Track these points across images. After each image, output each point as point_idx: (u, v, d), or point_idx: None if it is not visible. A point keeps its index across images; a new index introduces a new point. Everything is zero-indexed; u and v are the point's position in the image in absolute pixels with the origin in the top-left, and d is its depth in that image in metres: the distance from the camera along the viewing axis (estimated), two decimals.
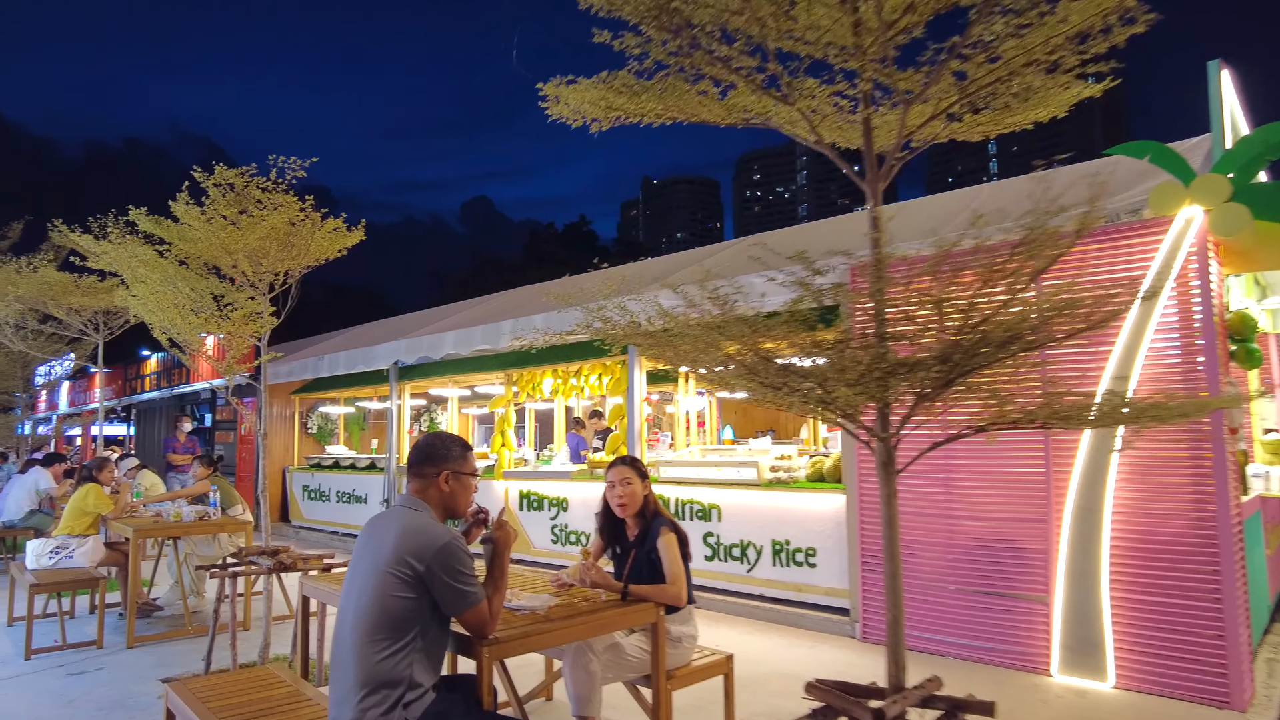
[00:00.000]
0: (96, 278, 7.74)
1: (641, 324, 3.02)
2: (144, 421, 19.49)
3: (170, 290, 4.49)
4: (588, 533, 8.02)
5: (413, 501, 2.68)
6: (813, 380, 2.46)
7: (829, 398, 2.42)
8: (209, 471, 7.00)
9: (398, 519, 2.59)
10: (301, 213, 4.66)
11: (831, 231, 7.65)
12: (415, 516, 2.60)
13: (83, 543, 6.16)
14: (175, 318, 4.47)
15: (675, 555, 3.44)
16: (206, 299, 4.62)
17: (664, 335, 2.82)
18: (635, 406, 7.57)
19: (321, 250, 5.05)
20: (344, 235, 5.13)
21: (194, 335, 4.59)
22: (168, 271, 4.54)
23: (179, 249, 4.77)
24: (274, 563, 4.65)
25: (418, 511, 2.63)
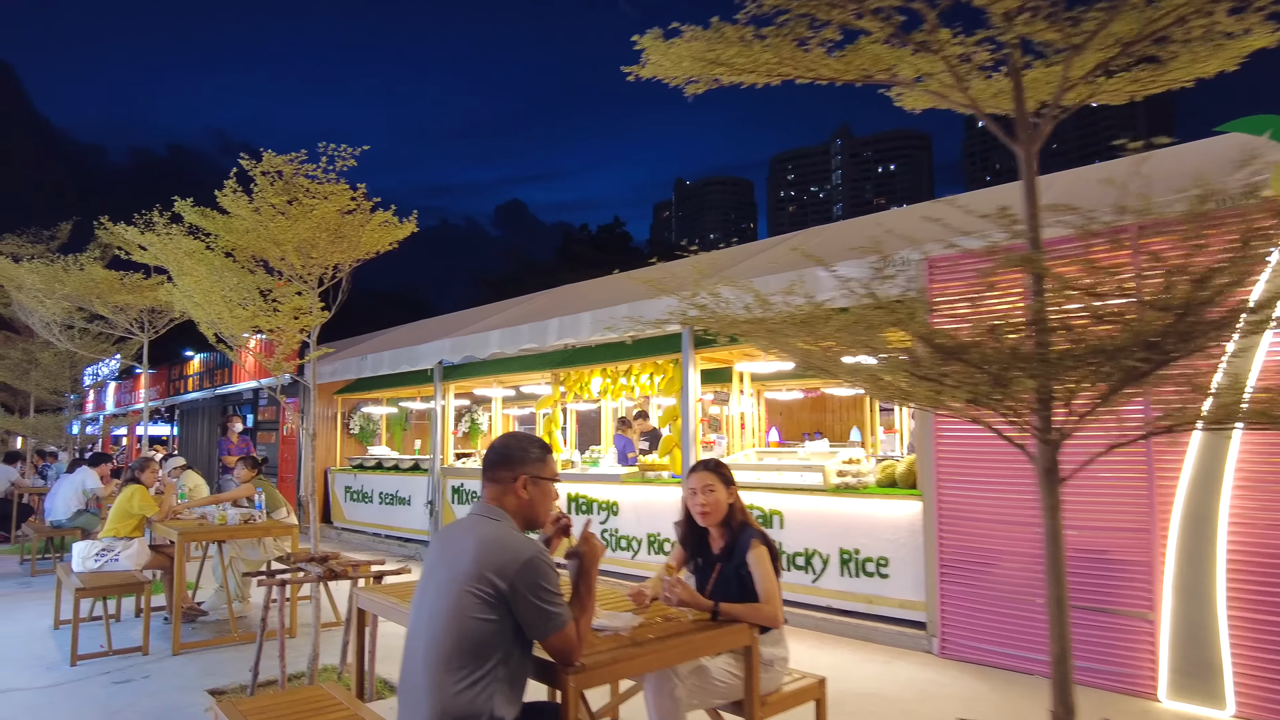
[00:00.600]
0: (142, 275, 7.62)
1: (741, 312, 2.66)
2: (187, 422, 19.63)
3: (217, 283, 4.27)
4: (639, 538, 7.72)
5: (489, 509, 2.39)
6: (990, 368, 2.10)
7: (999, 392, 2.07)
8: (253, 474, 6.81)
9: (475, 529, 2.30)
10: (353, 202, 4.42)
11: (913, 219, 7.24)
12: (494, 527, 2.31)
13: (128, 545, 6.00)
14: (222, 311, 4.25)
15: (768, 570, 3.11)
16: (254, 293, 4.40)
17: (784, 323, 2.47)
18: (690, 407, 7.24)
19: (372, 243, 4.80)
20: (395, 228, 4.88)
21: (241, 330, 4.36)
22: (214, 264, 4.32)
23: (225, 240, 4.56)
24: (323, 570, 4.41)
25: (496, 521, 2.34)
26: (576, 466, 9.07)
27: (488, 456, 2.47)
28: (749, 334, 2.62)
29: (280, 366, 4.48)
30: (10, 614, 6.86)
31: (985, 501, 5.41)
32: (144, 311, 8.12)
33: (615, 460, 9.17)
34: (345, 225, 4.43)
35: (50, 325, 8.08)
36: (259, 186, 4.23)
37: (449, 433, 10.45)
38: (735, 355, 7.98)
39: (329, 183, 4.31)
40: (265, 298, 4.47)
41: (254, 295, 4.37)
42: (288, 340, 4.44)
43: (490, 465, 2.45)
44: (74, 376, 13.37)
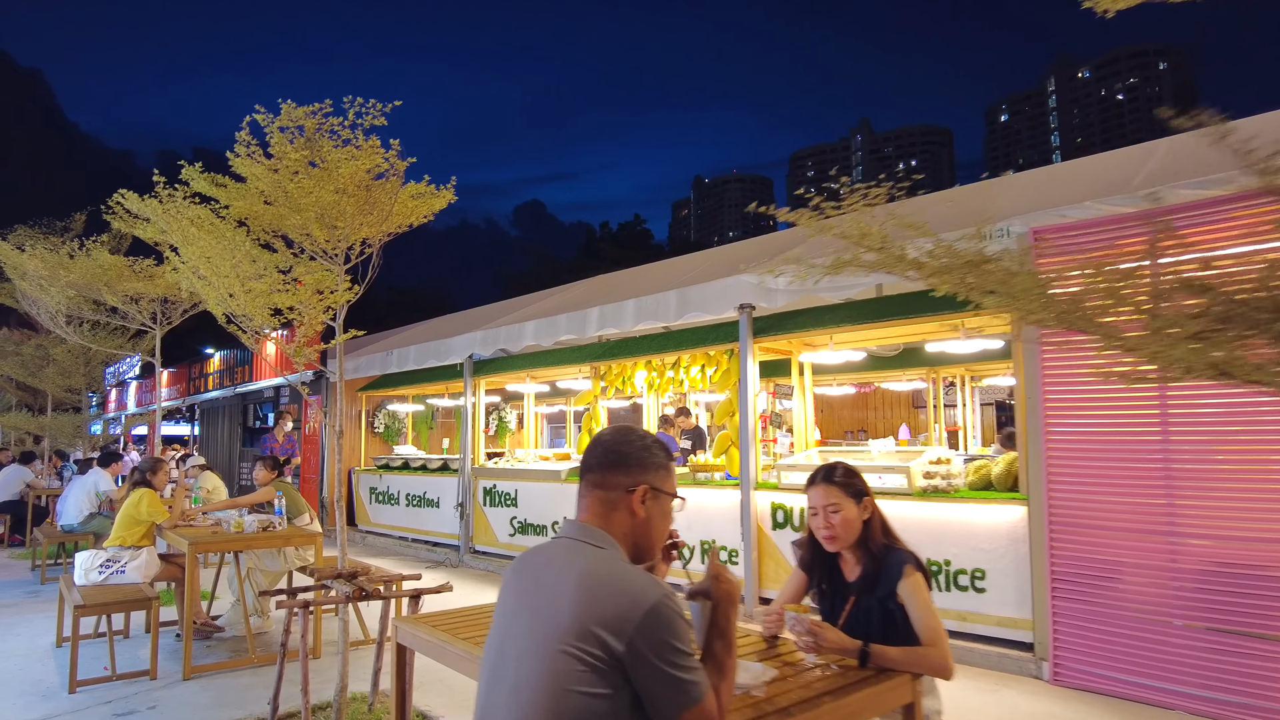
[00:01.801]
0: (153, 261, 7.06)
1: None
2: (208, 421, 19.19)
3: (227, 255, 3.65)
4: (690, 545, 7.05)
5: (590, 533, 1.72)
6: None
7: None
8: (273, 475, 6.22)
9: (572, 562, 1.64)
10: (385, 162, 3.78)
11: (1012, 191, 6.52)
12: (600, 559, 1.65)
13: (135, 555, 5.42)
14: (233, 286, 3.63)
15: (929, 604, 2.44)
16: (270, 268, 3.77)
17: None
18: (749, 402, 6.56)
19: (406, 213, 4.16)
20: (432, 197, 4.24)
21: (255, 310, 3.73)
22: (224, 234, 3.70)
23: (239, 208, 3.94)
24: (353, 589, 3.78)
25: (601, 550, 1.68)
26: None
27: (594, 456, 1.81)
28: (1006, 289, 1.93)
29: (301, 353, 3.87)
30: (12, 628, 6.31)
31: (1107, 506, 4.70)
32: (157, 302, 7.56)
33: None
34: (377, 190, 3.79)
35: (56, 316, 7.55)
36: (277, 144, 3.60)
37: (480, 431, 9.83)
38: (796, 345, 7.30)
39: (357, 140, 3.68)
40: (285, 274, 3.84)
41: (270, 270, 3.74)
42: (310, 321, 3.81)
43: (597, 468, 1.78)
44: (90, 374, 12.87)
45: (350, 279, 3.96)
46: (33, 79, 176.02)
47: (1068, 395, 4.97)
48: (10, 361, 12.80)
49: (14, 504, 11.30)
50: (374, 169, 3.73)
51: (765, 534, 6.48)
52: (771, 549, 6.43)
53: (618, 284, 9.18)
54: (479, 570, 9.12)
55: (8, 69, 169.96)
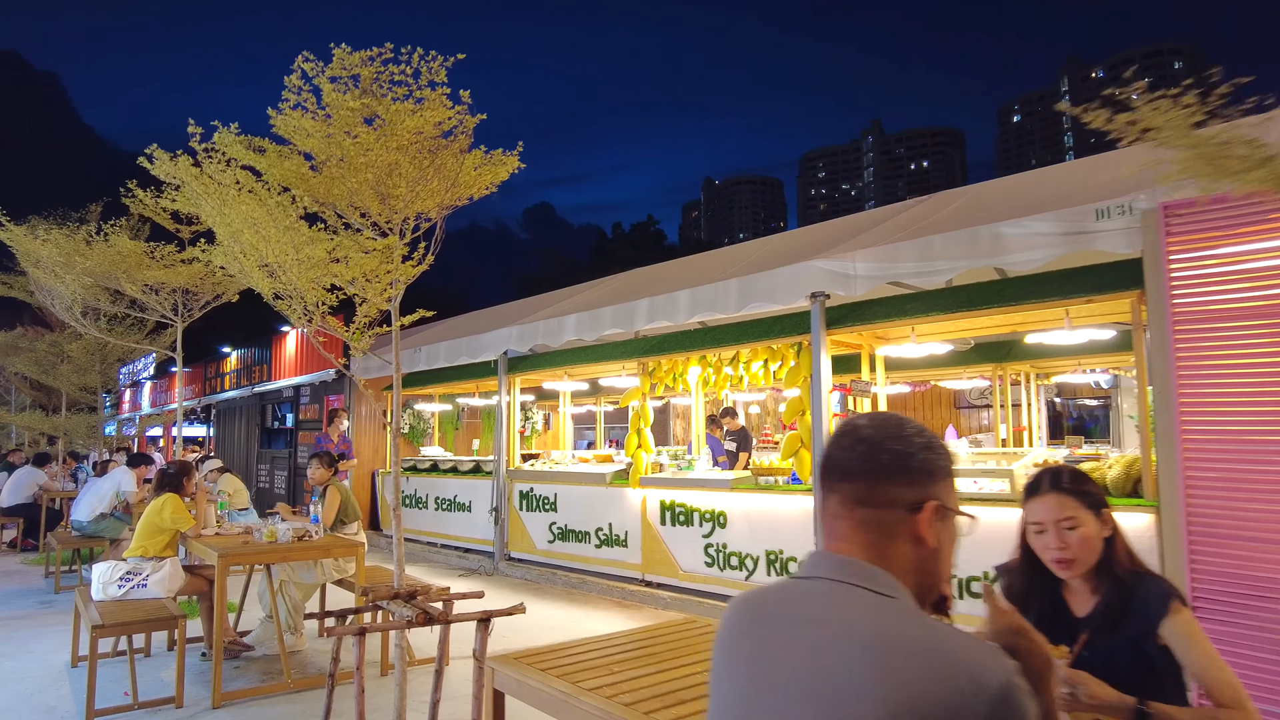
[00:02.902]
0: (174, 247, 6.56)
1: None
2: (224, 422, 18.74)
3: (276, 220, 3.11)
4: (754, 555, 6.50)
5: (866, 573, 1.16)
6: None
7: None
8: (330, 474, 5.72)
9: (852, 618, 1.09)
10: (453, 118, 3.25)
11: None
12: (896, 616, 1.09)
13: (158, 567, 4.90)
14: (286, 254, 3.08)
15: (1213, 652, 1.88)
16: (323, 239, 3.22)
17: None
18: (821, 399, 6.00)
19: (470, 182, 3.63)
20: (499, 164, 3.71)
21: (312, 282, 3.19)
22: (268, 200, 3.17)
23: (280, 173, 3.41)
24: (415, 613, 3.25)
25: (890, 599, 1.13)
26: (666, 470, 7.87)
27: (851, 456, 1.22)
28: None
29: (359, 337, 3.34)
30: (24, 645, 5.82)
31: (1259, 516, 4.13)
32: (178, 293, 7.06)
33: (709, 462, 7.98)
34: (443, 153, 3.26)
35: (72, 308, 7.06)
36: (329, 96, 3.07)
37: (515, 431, 9.30)
38: (867, 338, 6.74)
39: (421, 89, 3.14)
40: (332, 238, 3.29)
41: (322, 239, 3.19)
42: (372, 299, 3.27)
43: (860, 474, 1.20)
44: (106, 372, 12.41)
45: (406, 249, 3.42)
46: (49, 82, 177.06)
47: (1205, 388, 4.40)
48: (24, 359, 12.35)
49: (27, 507, 10.85)
50: (441, 124, 3.21)
51: None
52: None
53: (664, 276, 8.64)
54: (516, 579, 8.60)
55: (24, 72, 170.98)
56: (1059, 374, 9.20)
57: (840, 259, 5.82)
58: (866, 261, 5.67)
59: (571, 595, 7.66)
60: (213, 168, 3.28)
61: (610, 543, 7.82)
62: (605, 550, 7.87)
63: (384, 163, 3.08)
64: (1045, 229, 4.90)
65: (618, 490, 7.78)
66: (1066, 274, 5.22)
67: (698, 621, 3.07)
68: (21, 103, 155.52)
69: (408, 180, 3.25)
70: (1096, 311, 5.58)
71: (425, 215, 3.68)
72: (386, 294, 3.29)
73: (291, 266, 3.13)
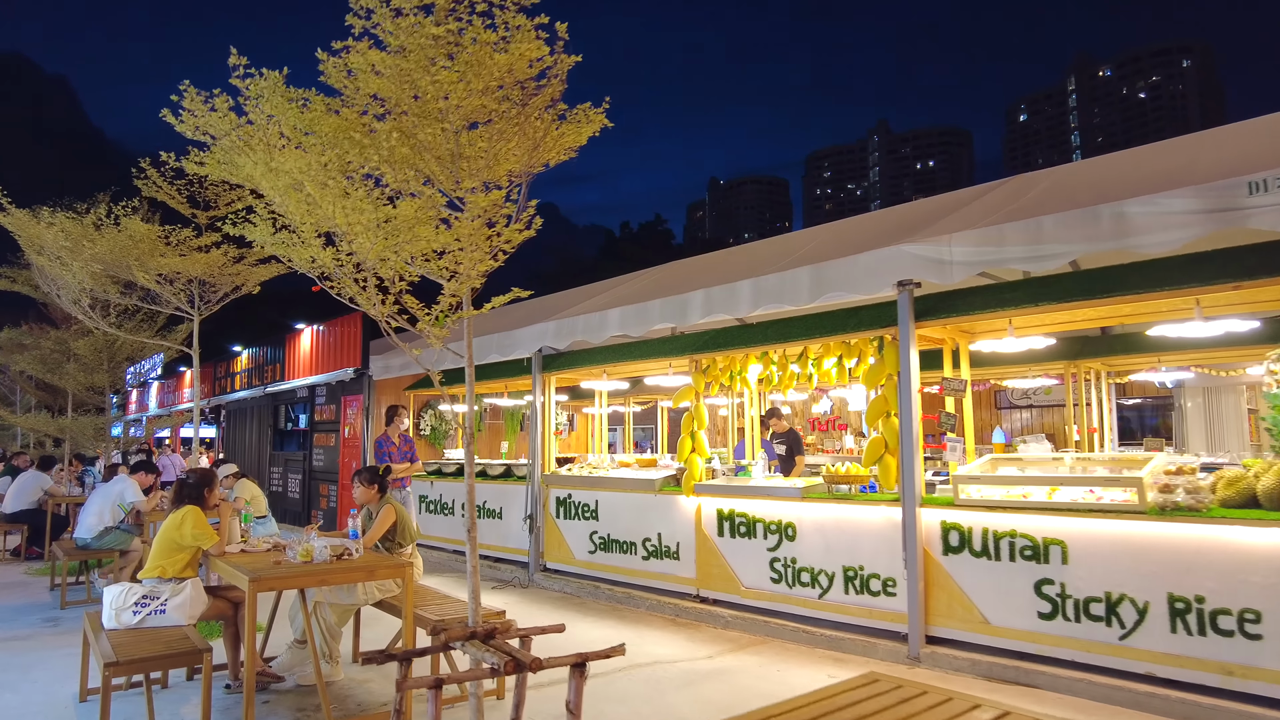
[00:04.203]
0: (192, 231, 5.98)
1: None
2: (234, 423, 18.17)
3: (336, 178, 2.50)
4: (829, 571, 5.90)
5: None
6: None
7: None
8: (376, 492, 5.16)
9: None
10: (548, 56, 2.64)
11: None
12: None
13: (178, 590, 4.32)
14: (357, 214, 2.43)
15: None
16: (405, 207, 2.59)
17: None
18: (910, 400, 5.41)
19: (552, 145, 3.03)
20: (582, 120, 3.12)
21: (385, 250, 2.57)
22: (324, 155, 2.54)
23: (329, 129, 2.81)
24: (501, 660, 2.65)
25: None
26: (720, 476, 7.28)
27: None
28: None
29: (440, 322, 2.75)
30: (27, 672, 5.23)
31: None
32: (194, 283, 6.49)
33: (764, 468, 7.38)
34: (535, 102, 2.66)
35: (79, 300, 6.48)
36: (402, 22, 2.47)
37: (550, 434, 8.71)
38: (952, 332, 6.14)
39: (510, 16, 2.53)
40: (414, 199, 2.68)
41: (407, 202, 2.56)
42: (467, 270, 2.66)
43: None
44: (114, 371, 11.85)
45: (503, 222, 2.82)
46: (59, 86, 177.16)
47: None
48: (28, 357, 11.79)
49: (32, 513, 10.28)
50: (534, 64, 2.61)
51: (933, 559, 5.33)
52: (943, 578, 5.28)
53: (715, 266, 8.05)
54: (554, 592, 8.01)
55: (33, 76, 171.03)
56: (1139, 371, 8.58)
57: (934, 243, 5.22)
58: (965, 245, 5.07)
59: (618, 612, 7.07)
60: (256, 114, 2.69)
61: (660, 555, 7.23)
62: (654, 563, 7.27)
63: (468, 109, 2.48)
64: (1184, 206, 4.30)
65: (668, 498, 7.18)
66: (1194, 258, 4.62)
67: (881, 681, 2.47)
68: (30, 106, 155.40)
69: (488, 136, 2.65)
70: (1243, 300, 4.98)
71: (495, 183, 3.09)
72: (483, 266, 2.69)
73: (361, 233, 2.52)
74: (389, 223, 2.47)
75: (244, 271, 6.59)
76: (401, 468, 7.99)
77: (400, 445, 8.25)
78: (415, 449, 8.42)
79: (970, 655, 5.07)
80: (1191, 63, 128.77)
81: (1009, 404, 13.36)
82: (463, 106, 2.52)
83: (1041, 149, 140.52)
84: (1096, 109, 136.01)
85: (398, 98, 2.56)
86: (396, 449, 8.15)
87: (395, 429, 8.31)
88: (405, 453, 8.21)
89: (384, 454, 8.01)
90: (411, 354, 2.87)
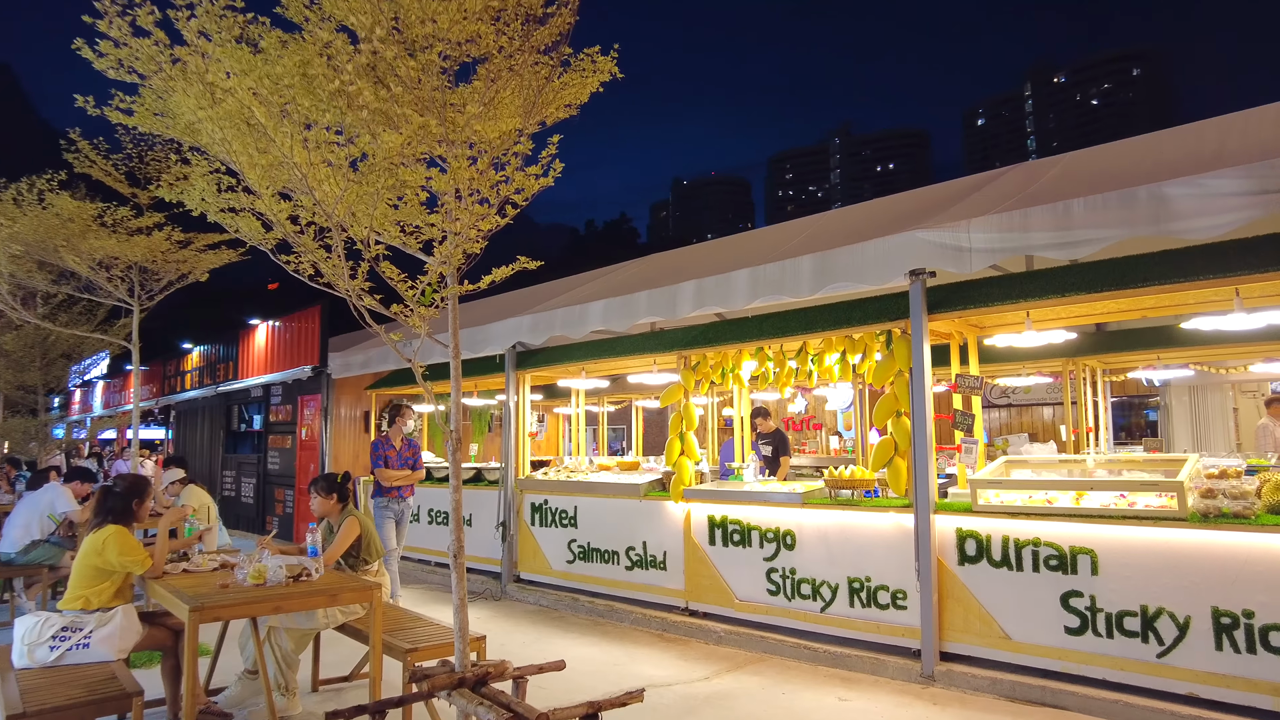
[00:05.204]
0: (131, 210, 5.35)
1: None
2: (183, 424, 17.25)
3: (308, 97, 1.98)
4: (832, 582, 5.49)
5: None
6: None
7: None
8: (336, 502, 4.59)
9: None
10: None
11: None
12: None
13: (104, 621, 3.72)
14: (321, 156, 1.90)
15: None
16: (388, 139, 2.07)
17: None
18: (924, 398, 5.01)
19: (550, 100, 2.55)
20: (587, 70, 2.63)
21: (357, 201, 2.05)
22: (282, 83, 2.01)
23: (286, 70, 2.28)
24: (500, 716, 2.15)
25: None
26: (708, 481, 6.83)
27: None
28: None
29: (428, 296, 2.25)
30: None
31: None
32: (134, 270, 5.85)
33: (756, 471, 6.96)
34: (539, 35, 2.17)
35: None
36: None
37: (525, 436, 8.19)
38: (959, 326, 5.77)
39: None
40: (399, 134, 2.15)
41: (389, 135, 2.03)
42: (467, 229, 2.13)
43: None
44: (49, 369, 10.99)
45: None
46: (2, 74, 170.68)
47: None
48: None
49: None
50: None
51: (948, 570, 4.94)
52: (958, 589, 4.89)
53: (704, 257, 7.61)
54: (529, 605, 7.48)
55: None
56: (1134, 369, 8.32)
57: (951, 228, 4.83)
58: (987, 231, 4.68)
59: (600, 626, 6.58)
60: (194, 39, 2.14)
61: (645, 564, 6.76)
62: (639, 573, 6.80)
63: (458, 37, 1.98)
64: (1232, 188, 3.95)
65: (654, 504, 6.72)
66: (1241, 244, 4.29)
67: None
68: None
69: (484, 77, 2.15)
70: (1266, 292, 4.66)
71: (481, 148, 2.58)
72: (485, 224, 2.18)
73: (327, 178, 1.98)
74: (364, 160, 1.96)
75: (190, 258, 5.97)
76: (400, 475, 6.94)
77: (402, 450, 7.12)
78: (420, 454, 7.35)
79: (990, 674, 4.69)
80: (1141, 71, 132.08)
81: (988, 403, 13.16)
82: (451, 35, 2.02)
83: (999, 152, 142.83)
84: (1052, 114, 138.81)
85: (371, 26, 2.04)
86: (397, 453, 7.06)
87: (398, 431, 7.19)
88: (408, 459, 7.13)
89: (379, 458, 6.98)
90: (389, 340, 2.35)
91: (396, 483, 6.94)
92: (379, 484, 6.97)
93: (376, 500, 6.98)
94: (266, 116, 1.91)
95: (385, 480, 6.94)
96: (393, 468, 6.95)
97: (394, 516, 6.97)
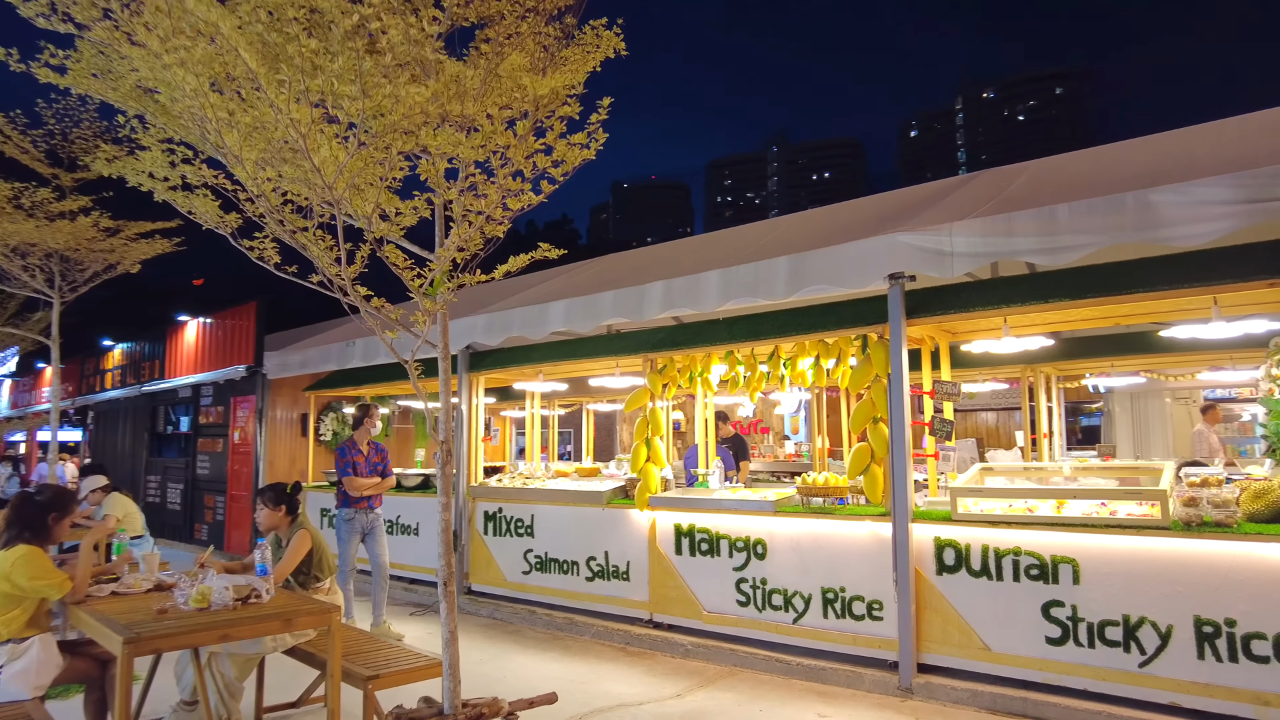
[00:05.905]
0: (52, 193, 4.86)
1: None
2: (103, 425, 16.22)
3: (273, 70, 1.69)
4: (804, 593, 5.35)
5: None
6: None
7: None
8: (284, 515, 4.20)
9: None
10: None
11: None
12: None
13: (18, 651, 3.29)
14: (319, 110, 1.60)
15: None
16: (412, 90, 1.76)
17: None
18: (902, 404, 4.91)
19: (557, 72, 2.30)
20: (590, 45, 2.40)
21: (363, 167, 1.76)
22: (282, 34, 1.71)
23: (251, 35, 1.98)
24: None
25: None
26: (673, 488, 6.63)
27: None
28: None
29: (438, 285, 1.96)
30: None
31: None
32: (54, 259, 5.34)
33: (720, 477, 6.79)
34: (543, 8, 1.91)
35: None
36: None
37: (478, 441, 7.85)
38: (931, 331, 5.69)
39: None
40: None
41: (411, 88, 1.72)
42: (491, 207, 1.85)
43: None
44: None
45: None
46: None
47: None
48: None
49: None
50: None
51: (926, 580, 4.84)
52: (936, 601, 4.79)
53: (670, 257, 7.40)
54: (481, 618, 7.14)
55: None
56: (1085, 376, 8.45)
57: (932, 232, 4.73)
58: (969, 235, 4.59)
59: (560, 640, 6.30)
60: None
61: (607, 575, 6.51)
62: (600, 584, 6.55)
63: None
64: (1220, 196, 3.93)
65: (617, 512, 6.48)
66: (1223, 253, 4.29)
67: None
68: None
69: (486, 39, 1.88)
70: (1242, 301, 4.70)
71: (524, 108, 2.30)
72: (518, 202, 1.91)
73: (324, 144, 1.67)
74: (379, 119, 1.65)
75: (120, 247, 5.49)
76: (370, 484, 6.43)
77: (370, 455, 6.58)
78: (389, 460, 6.79)
79: (970, 685, 4.59)
80: (1064, 90, 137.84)
81: None
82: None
83: (932, 163, 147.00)
84: (981, 128, 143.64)
85: None
86: (365, 459, 6.51)
87: (364, 433, 6.66)
88: (376, 465, 6.57)
89: (346, 464, 6.40)
90: (384, 338, 2.07)
91: (367, 492, 6.44)
92: (345, 494, 6.47)
93: (342, 512, 6.49)
94: (258, 62, 1.60)
95: (354, 490, 6.43)
96: (361, 475, 6.47)
97: (361, 530, 6.50)
